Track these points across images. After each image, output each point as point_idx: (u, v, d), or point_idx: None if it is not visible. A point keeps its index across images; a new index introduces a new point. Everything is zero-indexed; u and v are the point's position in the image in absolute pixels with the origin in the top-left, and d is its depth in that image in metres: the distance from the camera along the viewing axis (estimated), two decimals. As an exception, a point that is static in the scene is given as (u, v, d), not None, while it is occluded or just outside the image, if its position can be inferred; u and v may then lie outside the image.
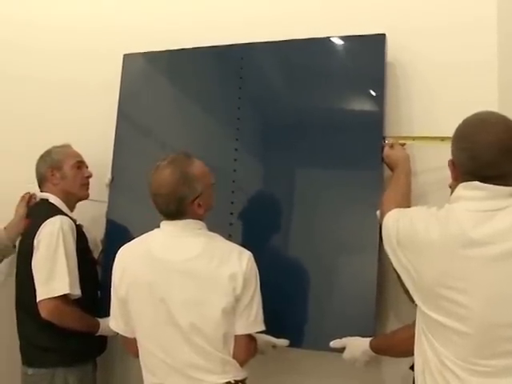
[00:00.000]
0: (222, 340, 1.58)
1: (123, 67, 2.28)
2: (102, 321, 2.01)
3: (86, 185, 2.19)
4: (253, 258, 1.63)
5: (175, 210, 1.62)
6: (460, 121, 1.78)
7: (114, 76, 2.29)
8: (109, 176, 2.24)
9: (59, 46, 2.54)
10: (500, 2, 1.85)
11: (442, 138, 1.76)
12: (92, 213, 2.29)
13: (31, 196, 2.29)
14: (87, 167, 2.21)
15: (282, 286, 1.90)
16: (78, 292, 1.94)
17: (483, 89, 1.84)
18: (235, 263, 1.59)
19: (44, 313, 1.90)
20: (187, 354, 1.58)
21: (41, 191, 2.16)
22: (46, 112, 2.53)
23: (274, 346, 1.85)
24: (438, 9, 1.94)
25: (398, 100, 1.97)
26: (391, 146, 1.85)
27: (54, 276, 1.91)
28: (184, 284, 1.58)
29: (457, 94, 1.88)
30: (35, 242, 1.96)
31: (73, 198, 2.16)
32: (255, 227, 2.02)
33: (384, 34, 1.90)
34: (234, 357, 1.61)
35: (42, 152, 2.17)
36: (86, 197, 2.19)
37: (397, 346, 1.67)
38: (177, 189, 1.59)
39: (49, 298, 1.90)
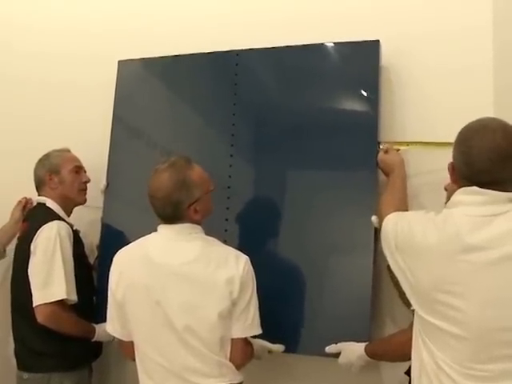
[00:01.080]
0: (219, 343, 1.58)
1: (118, 73, 2.28)
2: (97, 327, 2.01)
3: (84, 190, 2.18)
4: (249, 262, 1.63)
5: (171, 214, 1.62)
6: (455, 125, 1.80)
7: (111, 80, 2.29)
8: (104, 182, 2.24)
9: (57, 48, 2.53)
10: (495, 6, 1.86)
11: (437, 144, 1.77)
12: (88, 218, 2.29)
13: (27, 201, 2.29)
14: (85, 172, 2.20)
15: (277, 290, 1.89)
16: (74, 297, 1.94)
17: (479, 93, 1.85)
18: (232, 267, 1.59)
19: (40, 318, 1.89)
20: (184, 357, 1.58)
21: (39, 195, 2.14)
22: (42, 115, 2.53)
23: (270, 352, 1.85)
24: (434, 14, 1.95)
25: (393, 104, 1.97)
26: (386, 151, 1.85)
27: (52, 281, 1.90)
28: (180, 287, 1.58)
29: (452, 98, 1.89)
30: (32, 246, 1.95)
31: (70, 203, 2.15)
32: (250, 233, 2.02)
33: (378, 40, 1.91)
34: (231, 360, 1.61)
35: (38, 154, 2.16)
36: (84, 202, 2.18)
37: (393, 350, 1.68)
38: (173, 193, 1.59)
39: (45, 303, 1.89)
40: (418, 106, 1.94)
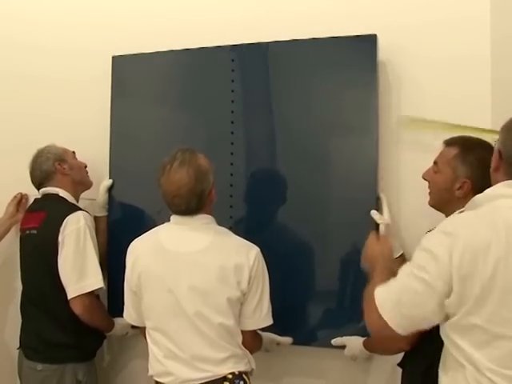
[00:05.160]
0: (228, 330, 1.64)
1: (113, 69, 2.25)
2: (115, 321, 2.05)
3: (87, 174, 2.21)
4: (261, 254, 1.68)
5: (196, 206, 1.66)
6: (453, 117, 1.82)
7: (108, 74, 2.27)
8: (110, 180, 2.22)
9: (53, 42, 2.44)
10: (494, -2, 1.83)
11: (483, 130, 1.76)
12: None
13: (23, 196, 2.31)
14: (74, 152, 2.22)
15: (284, 279, 1.93)
16: (103, 286, 1.99)
17: (476, 85, 1.85)
18: (242, 257, 1.64)
19: (79, 310, 1.92)
20: (194, 344, 1.63)
21: (46, 185, 2.11)
22: (39, 111, 2.45)
23: (278, 344, 1.92)
24: (430, 5, 1.91)
25: (390, 98, 1.96)
26: (374, 240, 1.67)
27: (87, 272, 1.93)
28: (191, 274, 1.63)
29: (450, 90, 1.88)
30: (60, 238, 1.95)
31: (80, 188, 2.17)
32: (255, 224, 2.06)
33: (375, 35, 1.88)
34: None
35: (34, 151, 2.14)
36: (92, 184, 2.21)
37: (379, 344, 1.75)
38: (196, 185, 1.63)
39: (84, 294, 1.92)
40: (415, 98, 1.93)
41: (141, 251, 1.73)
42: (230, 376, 1.62)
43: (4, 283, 2.41)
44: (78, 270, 1.93)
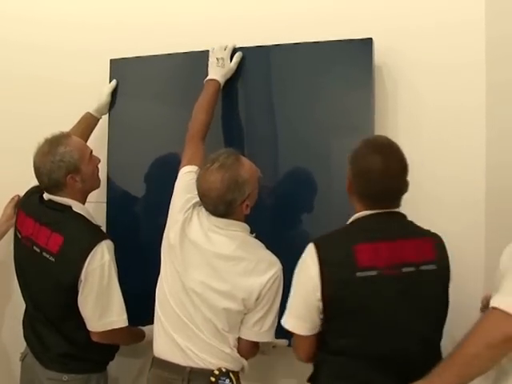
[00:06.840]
0: (220, 332, 1.65)
1: (110, 72, 2.26)
2: (145, 329, 2.01)
3: (98, 172, 2.06)
4: (280, 272, 1.66)
5: (223, 212, 1.66)
6: (448, 122, 1.83)
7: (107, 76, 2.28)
8: (114, 81, 2.23)
9: (53, 43, 2.47)
10: (488, 3, 1.83)
11: None
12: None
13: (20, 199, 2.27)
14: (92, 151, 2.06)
15: None
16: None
17: (471, 89, 1.86)
18: (257, 276, 1.63)
19: (98, 339, 1.88)
20: (189, 335, 1.66)
21: (51, 193, 1.94)
22: (38, 112, 2.48)
23: (275, 346, 1.93)
24: (427, 10, 1.93)
25: (386, 102, 1.97)
26: None
27: (111, 310, 1.84)
28: (201, 272, 1.65)
29: (445, 93, 1.90)
30: (82, 276, 1.80)
31: (88, 193, 2.04)
32: (253, 225, 2.03)
33: (371, 38, 1.89)
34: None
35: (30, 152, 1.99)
36: (99, 186, 2.10)
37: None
38: (226, 194, 1.62)
39: (105, 330, 1.86)
40: (410, 101, 1.95)
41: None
42: (217, 372, 1.62)
43: (1, 285, 2.42)
44: (101, 308, 1.83)
